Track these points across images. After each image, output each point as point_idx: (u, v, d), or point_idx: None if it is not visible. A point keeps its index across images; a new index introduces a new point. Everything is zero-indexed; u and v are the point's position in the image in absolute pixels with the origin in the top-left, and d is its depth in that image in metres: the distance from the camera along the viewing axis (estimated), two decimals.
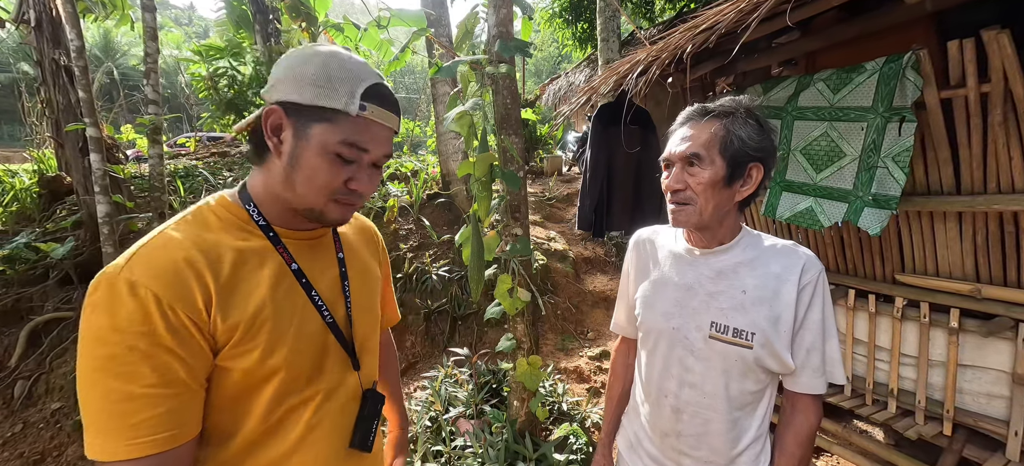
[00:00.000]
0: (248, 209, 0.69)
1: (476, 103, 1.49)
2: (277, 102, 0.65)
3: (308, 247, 0.74)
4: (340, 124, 0.65)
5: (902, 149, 1.63)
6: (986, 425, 1.75)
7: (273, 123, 0.65)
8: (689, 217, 0.89)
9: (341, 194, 0.68)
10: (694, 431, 0.93)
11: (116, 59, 19.96)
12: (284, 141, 0.65)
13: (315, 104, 0.64)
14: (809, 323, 0.87)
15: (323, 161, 0.65)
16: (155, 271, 0.58)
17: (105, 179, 3.35)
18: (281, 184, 0.68)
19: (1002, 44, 1.33)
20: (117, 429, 0.55)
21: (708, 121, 0.87)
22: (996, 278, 1.69)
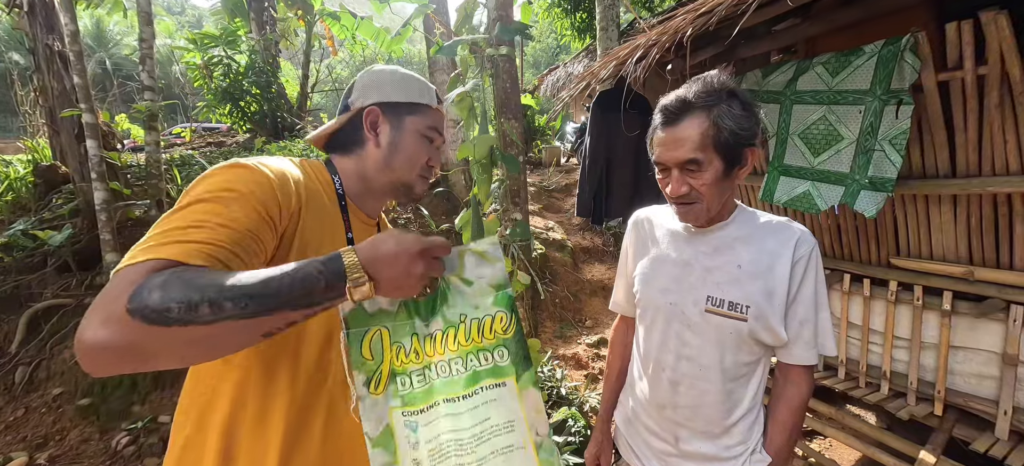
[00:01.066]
0: (334, 179, 0.83)
1: (476, 84, 1.49)
2: (373, 104, 0.81)
3: (363, 229, 0.87)
4: (426, 114, 0.85)
5: (899, 132, 1.65)
6: (976, 405, 1.79)
7: (372, 120, 0.82)
8: (698, 216, 0.91)
9: (425, 171, 0.86)
10: (690, 403, 0.96)
11: (109, 49, 19.70)
12: (382, 133, 0.82)
13: (407, 101, 0.83)
14: (802, 296, 0.89)
15: (418, 142, 0.84)
16: (275, 167, 0.69)
17: (102, 166, 3.34)
18: (377, 168, 0.83)
19: (1000, 26, 1.34)
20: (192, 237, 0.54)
21: (693, 117, 0.84)
22: (989, 260, 1.72)
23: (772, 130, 2.07)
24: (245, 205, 0.60)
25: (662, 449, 1.01)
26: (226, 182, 0.61)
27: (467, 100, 1.68)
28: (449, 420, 0.64)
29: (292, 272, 0.53)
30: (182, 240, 0.53)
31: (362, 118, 0.82)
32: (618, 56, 2.25)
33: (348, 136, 0.85)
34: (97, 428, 2.99)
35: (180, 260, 0.51)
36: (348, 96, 0.86)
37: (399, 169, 0.84)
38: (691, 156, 0.84)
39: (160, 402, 3.11)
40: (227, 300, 0.48)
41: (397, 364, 0.65)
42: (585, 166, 2.94)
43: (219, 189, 0.60)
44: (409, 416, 0.64)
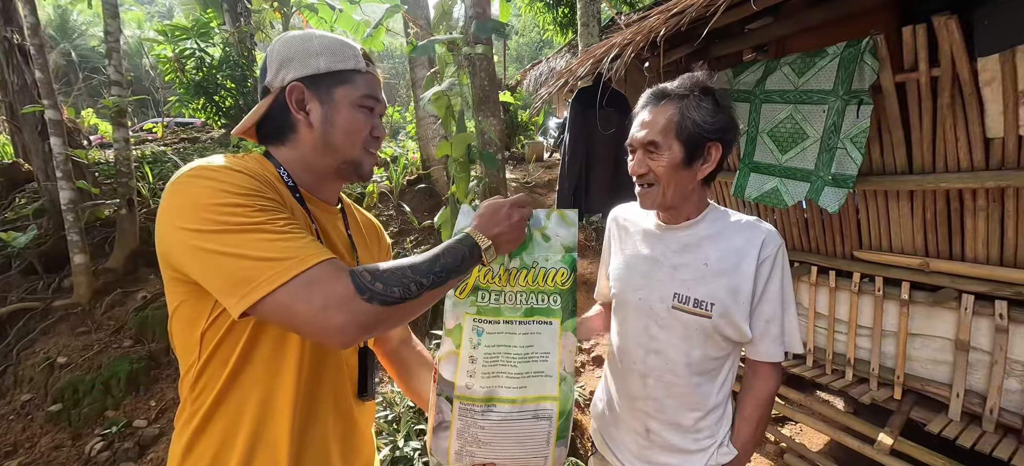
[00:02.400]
0: (280, 171, 0.75)
1: (452, 83, 1.50)
2: (294, 80, 0.73)
3: (326, 217, 0.82)
4: (357, 82, 0.76)
5: (859, 131, 1.72)
6: (932, 389, 1.89)
7: (297, 98, 0.74)
8: (654, 199, 0.95)
9: (370, 143, 0.79)
10: (659, 395, 0.99)
11: (73, 40, 18.83)
12: (312, 112, 0.74)
13: (332, 70, 0.74)
14: (768, 295, 0.93)
15: (355, 114, 0.76)
16: (245, 164, 0.67)
17: (67, 164, 3.22)
18: (316, 151, 0.76)
19: (950, 29, 1.41)
20: (289, 247, 0.60)
21: (664, 105, 0.92)
22: (943, 252, 1.81)
23: (743, 128, 2.14)
24: (267, 203, 0.64)
25: (634, 441, 1.05)
26: (237, 194, 0.62)
27: (444, 99, 1.68)
28: (505, 336, 0.84)
29: (445, 252, 0.71)
30: (302, 254, 0.60)
31: (286, 99, 0.73)
32: (595, 54, 2.28)
33: (276, 123, 0.76)
34: (69, 434, 2.91)
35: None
36: (264, 76, 0.76)
37: (340, 148, 0.76)
38: (652, 139, 0.91)
39: (135, 406, 3.04)
40: (423, 277, 0.66)
41: (482, 281, 0.85)
42: (565, 162, 2.97)
43: (245, 205, 0.61)
44: (479, 322, 0.85)
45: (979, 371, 1.77)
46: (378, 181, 5.20)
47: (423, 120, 5.28)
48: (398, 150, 6.48)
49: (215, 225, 0.59)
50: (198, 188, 0.61)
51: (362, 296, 0.60)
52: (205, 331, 0.67)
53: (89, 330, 3.38)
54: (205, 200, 0.60)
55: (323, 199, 0.82)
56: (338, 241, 0.82)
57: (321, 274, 0.59)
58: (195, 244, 0.59)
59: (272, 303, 0.58)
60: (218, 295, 0.61)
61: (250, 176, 0.65)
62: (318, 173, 0.79)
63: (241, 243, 0.59)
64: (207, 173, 0.63)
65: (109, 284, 3.63)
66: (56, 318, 3.44)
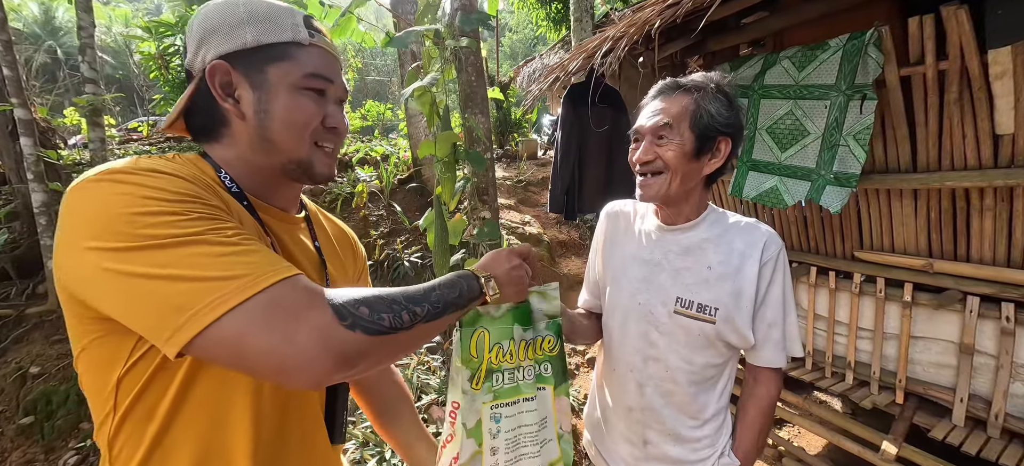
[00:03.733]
0: (220, 174, 0.61)
1: (434, 77, 1.41)
2: (216, 58, 0.58)
3: (284, 228, 0.68)
4: (297, 57, 0.61)
5: (863, 127, 1.65)
6: (935, 393, 1.83)
7: (222, 82, 0.59)
8: (658, 189, 0.89)
9: (322, 136, 0.64)
10: (657, 405, 0.95)
11: (59, 37, 18.44)
12: (242, 98, 0.60)
13: (262, 43, 0.59)
14: (770, 299, 0.90)
15: (295, 100, 0.61)
16: (169, 170, 0.52)
17: (39, 165, 3.09)
18: (254, 148, 0.61)
19: (960, 20, 1.35)
20: (238, 262, 0.47)
21: (679, 94, 0.88)
22: (947, 253, 1.75)
23: None
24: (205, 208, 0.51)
25: (630, 452, 1.00)
26: (156, 200, 0.48)
27: (428, 95, 1.59)
28: (525, 415, 0.81)
29: (442, 283, 0.63)
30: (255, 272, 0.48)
31: (209, 83, 0.59)
32: (587, 49, 2.20)
33: (205, 114, 0.61)
34: (42, 448, 2.79)
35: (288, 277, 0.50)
36: (185, 58, 0.62)
37: (282, 144, 0.61)
38: (666, 121, 0.87)
39: None
40: (417, 306, 0.57)
41: (494, 362, 0.78)
42: (557, 160, 2.89)
43: (170, 209, 0.48)
44: (496, 408, 0.78)
45: (984, 375, 1.71)
46: (368, 180, 5.09)
47: (413, 118, 5.17)
48: (389, 149, 6.36)
49: (137, 240, 0.45)
50: (110, 195, 0.47)
51: (342, 322, 0.49)
52: (122, 377, 0.53)
53: (63, 338, 3.24)
54: (121, 209, 0.46)
55: (279, 207, 0.68)
56: (303, 257, 0.69)
57: (284, 295, 0.47)
58: (111, 267, 0.45)
59: (216, 336, 0.44)
60: (145, 332, 0.47)
61: (180, 178, 0.52)
62: (262, 175, 0.64)
63: (173, 260, 0.45)
64: (121, 176, 0.49)
65: None
66: (29, 326, 3.31)
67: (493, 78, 8.16)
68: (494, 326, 0.78)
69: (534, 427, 0.81)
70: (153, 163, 0.53)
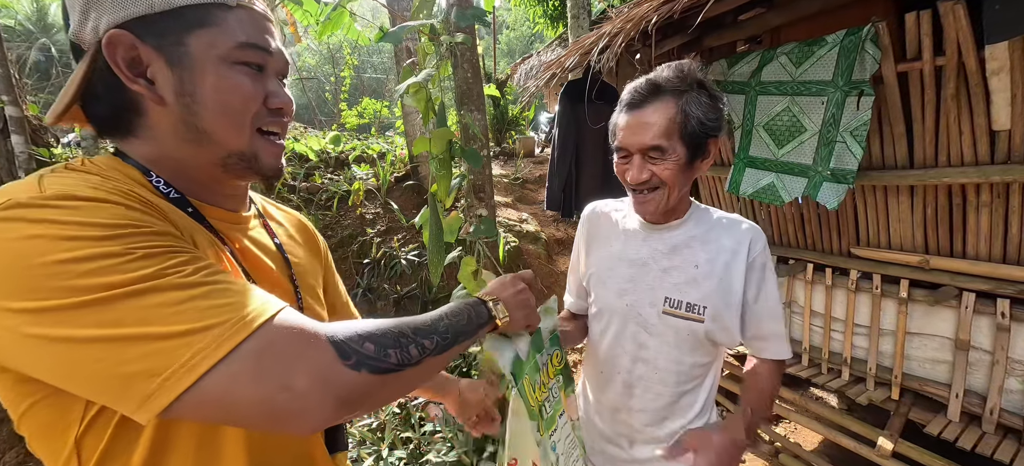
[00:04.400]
0: (150, 179, 0.49)
1: (429, 74, 1.39)
2: (114, 27, 0.45)
3: (238, 230, 0.58)
4: (222, 22, 0.49)
5: (860, 123, 1.65)
6: (930, 389, 1.84)
7: (127, 58, 0.46)
8: (657, 205, 0.87)
9: (265, 120, 0.53)
10: (644, 406, 0.95)
11: (52, 34, 18.26)
12: (157, 78, 0.47)
13: (174, 5, 0.46)
14: (765, 296, 0.89)
15: (230, 77, 0.49)
16: (95, 186, 0.42)
17: (30, 164, 3.05)
18: (182, 140, 0.50)
19: (957, 16, 1.34)
20: (211, 307, 0.39)
21: (663, 102, 0.82)
22: (943, 249, 1.76)
23: (738, 121, 2.06)
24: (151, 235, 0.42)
25: (615, 454, 1.00)
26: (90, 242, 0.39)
27: (423, 91, 1.57)
28: (564, 428, 0.84)
29: (450, 312, 0.59)
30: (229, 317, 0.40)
31: (109, 61, 0.46)
32: (584, 45, 2.18)
33: (110, 102, 0.49)
34: None
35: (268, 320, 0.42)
36: (68, 27, 0.49)
37: (215, 132, 0.50)
38: (656, 143, 0.82)
39: None
40: (425, 339, 0.52)
41: (539, 399, 0.79)
42: (554, 158, 2.88)
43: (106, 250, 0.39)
44: (549, 438, 0.81)
45: (979, 371, 1.72)
46: (364, 178, 5.06)
47: (409, 115, 5.15)
48: (385, 146, 6.33)
49: (69, 295, 0.36)
50: (21, 239, 0.37)
51: (345, 362, 0.43)
52: (81, 438, 0.44)
53: None
54: (39, 257, 0.36)
55: (227, 208, 0.57)
56: (266, 258, 0.60)
57: (275, 338, 0.41)
58: (40, 332, 0.36)
59: (197, 399, 0.37)
60: (103, 402, 0.40)
61: (108, 203, 0.41)
62: (199, 174, 0.53)
63: (124, 316, 0.36)
64: (30, 212, 0.38)
65: None
66: None
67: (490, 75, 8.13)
68: (528, 367, 0.78)
69: (569, 432, 0.86)
70: (66, 185, 0.41)
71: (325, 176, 5.03)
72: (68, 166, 0.47)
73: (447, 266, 2.19)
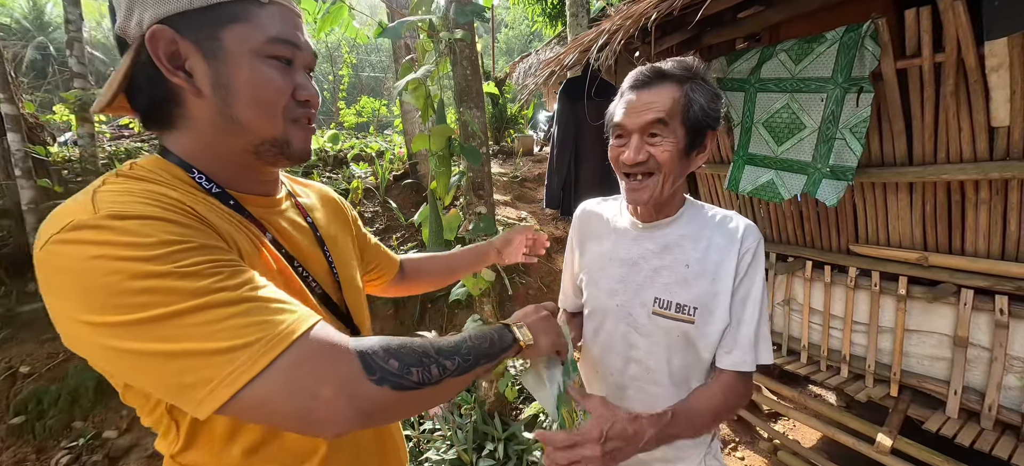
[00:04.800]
0: (192, 174, 0.54)
1: (428, 70, 1.39)
2: (156, 23, 0.49)
3: (274, 214, 0.62)
4: (254, 18, 0.52)
5: (859, 120, 1.65)
6: (929, 386, 1.84)
7: (168, 52, 0.49)
8: (652, 192, 0.83)
9: (295, 112, 0.56)
10: (638, 407, 0.91)
11: (49, 33, 18.16)
12: (195, 71, 0.51)
13: (212, 3, 0.49)
14: (745, 295, 0.85)
15: (261, 71, 0.52)
16: (143, 199, 0.46)
17: (27, 161, 3.04)
18: (219, 130, 0.53)
19: (957, 12, 1.34)
20: (250, 324, 0.43)
21: (667, 86, 0.81)
22: (942, 246, 1.76)
23: (737, 118, 2.05)
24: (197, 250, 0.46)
25: None
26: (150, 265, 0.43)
27: (422, 88, 1.57)
28: None
29: (474, 335, 0.62)
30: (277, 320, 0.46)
31: (151, 54, 0.49)
32: (583, 43, 2.18)
33: (150, 93, 0.53)
34: (33, 447, 2.76)
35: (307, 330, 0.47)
36: (114, 22, 0.52)
37: (251, 122, 0.53)
38: (658, 116, 0.79)
39: (104, 417, 2.89)
40: (447, 360, 0.55)
41: (575, 423, 0.84)
42: (553, 156, 2.87)
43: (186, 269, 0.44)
44: None
45: (978, 368, 1.72)
46: (362, 177, 5.05)
47: (408, 113, 5.14)
48: (384, 145, 6.31)
49: (130, 311, 0.41)
50: (85, 261, 0.41)
51: (370, 377, 0.47)
52: (170, 408, 0.53)
53: (54, 336, 3.20)
54: (102, 277, 0.41)
55: (262, 193, 0.62)
56: (301, 236, 0.65)
57: (306, 355, 0.45)
58: (111, 344, 0.42)
59: (240, 406, 0.43)
60: (167, 400, 0.49)
61: (158, 220, 0.44)
62: (233, 161, 0.56)
63: (177, 333, 0.41)
64: (90, 234, 0.42)
65: None
66: (19, 325, 3.26)
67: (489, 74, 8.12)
68: (568, 400, 0.83)
69: None
70: (118, 204, 0.45)
71: (323, 175, 5.02)
72: (119, 174, 0.51)
73: None
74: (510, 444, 2.10)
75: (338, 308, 0.67)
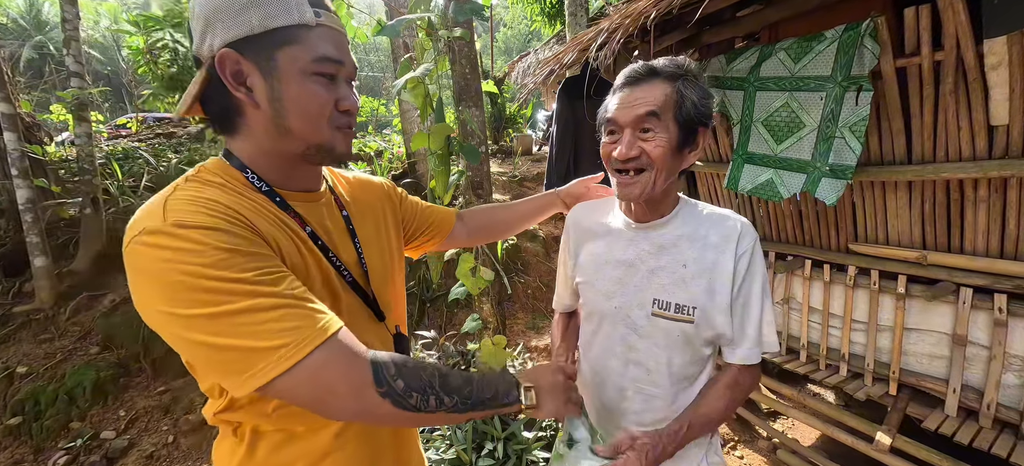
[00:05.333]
0: (247, 175, 0.64)
1: (427, 68, 1.38)
2: (224, 47, 0.58)
3: (314, 208, 0.71)
4: (305, 41, 0.60)
5: (859, 119, 1.65)
6: (928, 384, 1.85)
7: (233, 71, 0.59)
8: (643, 187, 0.83)
9: (338, 120, 0.64)
10: (638, 408, 0.92)
11: (47, 32, 18.09)
12: (254, 87, 0.59)
13: (269, 28, 0.58)
14: (747, 294, 0.86)
15: (308, 87, 0.60)
16: (195, 210, 0.55)
17: (24, 161, 3.02)
18: (272, 136, 0.62)
19: (956, 10, 1.34)
20: (289, 327, 0.53)
21: (659, 82, 0.81)
22: (941, 245, 1.76)
23: (737, 117, 2.05)
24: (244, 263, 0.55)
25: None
26: (205, 281, 0.53)
27: (421, 87, 1.56)
28: None
29: (482, 380, 0.67)
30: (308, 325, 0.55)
31: (219, 74, 0.59)
32: (582, 41, 2.18)
33: (218, 103, 0.62)
34: (30, 448, 2.75)
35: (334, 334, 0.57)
36: (192, 42, 0.62)
37: (300, 131, 0.62)
38: (651, 109, 0.80)
39: (102, 417, 2.88)
40: (447, 396, 0.62)
41: None
42: (552, 155, 2.87)
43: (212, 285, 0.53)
44: None
45: (977, 366, 1.72)
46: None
47: (407, 113, 5.13)
48: (383, 144, 6.31)
49: (194, 306, 0.51)
50: (162, 260, 0.51)
51: (378, 389, 0.56)
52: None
53: (52, 337, 3.19)
54: (176, 276, 0.51)
55: (306, 188, 0.70)
56: (335, 230, 0.74)
57: (327, 362, 0.54)
58: (180, 333, 0.53)
59: (271, 392, 0.53)
60: (214, 380, 0.61)
61: (218, 230, 0.54)
62: (283, 162, 0.66)
63: (225, 329, 0.51)
64: (166, 240, 0.52)
65: (74, 288, 3.44)
66: (16, 325, 3.25)
67: (487, 73, 8.12)
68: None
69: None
70: (184, 213, 0.54)
71: None
72: (188, 179, 0.61)
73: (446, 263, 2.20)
74: (509, 443, 2.10)
75: (366, 294, 0.75)
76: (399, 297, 0.87)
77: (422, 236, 1.00)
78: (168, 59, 6.43)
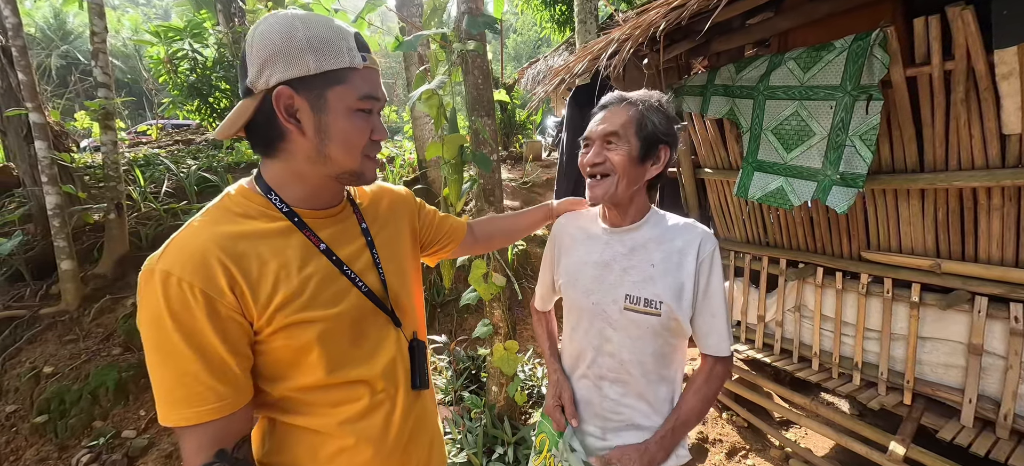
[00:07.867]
0: (270, 197, 0.70)
1: (442, 80, 1.43)
2: (281, 84, 0.64)
3: (332, 223, 0.76)
4: (352, 81, 0.67)
5: (869, 127, 1.65)
6: (943, 394, 1.82)
7: (287, 105, 0.65)
8: (607, 190, 0.96)
9: (370, 149, 0.72)
10: (614, 396, 1.02)
11: (72, 41, 18.70)
12: (304, 120, 0.66)
13: (322, 71, 0.64)
14: (711, 293, 0.98)
15: (352, 122, 0.68)
16: (184, 260, 0.61)
17: (53, 168, 3.14)
18: (311, 162, 0.69)
19: (966, 21, 1.34)
20: (182, 399, 0.61)
21: (626, 106, 0.97)
22: (955, 253, 1.75)
23: (746, 125, 2.07)
24: (181, 345, 0.61)
25: (591, 444, 1.07)
26: (153, 332, 0.61)
27: (435, 98, 1.61)
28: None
29: None
30: (186, 405, 0.62)
31: (272, 105, 0.65)
32: (592, 50, 2.21)
33: (264, 129, 0.68)
34: (55, 446, 2.84)
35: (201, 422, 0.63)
36: (245, 74, 0.66)
37: (337, 159, 0.69)
38: (613, 129, 0.95)
39: (123, 416, 2.96)
40: None
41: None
42: (563, 162, 2.90)
43: (156, 343, 0.61)
44: None
45: (993, 376, 1.70)
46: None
47: (418, 120, 5.21)
48: (394, 151, 6.40)
49: (147, 340, 0.61)
50: (141, 293, 0.61)
51: None
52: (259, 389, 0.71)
53: (77, 338, 3.30)
54: (142, 314, 0.61)
55: (326, 206, 0.76)
56: (353, 244, 0.78)
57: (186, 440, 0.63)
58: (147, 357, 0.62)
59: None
60: None
61: (176, 310, 0.61)
62: (314, 183, 0.72)
63: (153, 375, 0.62)
64: (148, 279, 0.61)
65: (98, 290, 3.55)
66: (43, 326, 3.36)
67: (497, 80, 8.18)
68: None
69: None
70: (175, 263, 0.61)
71: None
72: (209, 210, 0.68)
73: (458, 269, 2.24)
74: (519, 448, 2.12)
75: (382, 303, 0.79)
76: (417, 304, 0.91)
77: (437, 244, 1.05)
78: (187, 68, 6.64)
